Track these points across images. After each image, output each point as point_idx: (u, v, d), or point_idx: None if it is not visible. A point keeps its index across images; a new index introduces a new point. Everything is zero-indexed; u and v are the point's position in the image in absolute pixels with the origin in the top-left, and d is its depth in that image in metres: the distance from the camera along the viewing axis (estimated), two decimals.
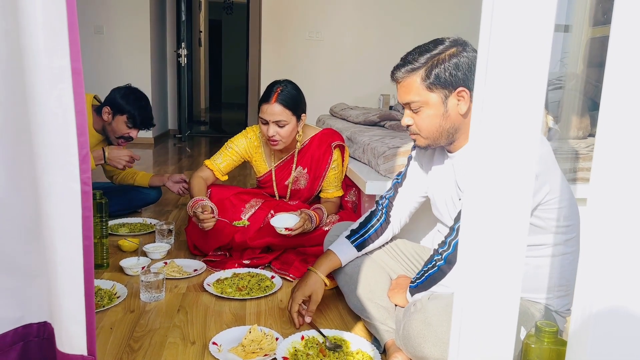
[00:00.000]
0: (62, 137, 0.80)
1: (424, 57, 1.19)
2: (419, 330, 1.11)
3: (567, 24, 2.63)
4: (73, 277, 0.86)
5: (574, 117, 2.16)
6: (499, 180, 0.64)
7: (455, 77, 1.17)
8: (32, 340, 0.95)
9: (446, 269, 1.18)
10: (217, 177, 2.03)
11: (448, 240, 1.19)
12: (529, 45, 0.60)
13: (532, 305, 1.18)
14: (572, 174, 1.79)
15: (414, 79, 1.19)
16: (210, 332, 1.40)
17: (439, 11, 4.61)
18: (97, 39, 4.98)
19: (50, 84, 0.77)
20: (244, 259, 1.90)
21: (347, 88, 4.63)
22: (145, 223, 2.38)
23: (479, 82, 0.63)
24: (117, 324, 1.43)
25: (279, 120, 1.85)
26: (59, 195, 0.82)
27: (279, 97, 1.84)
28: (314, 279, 1.40)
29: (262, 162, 2.05)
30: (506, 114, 0.62)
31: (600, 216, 0.57)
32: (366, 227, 1.46)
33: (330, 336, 1.34)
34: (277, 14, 4.56)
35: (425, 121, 1.22)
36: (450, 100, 1.19)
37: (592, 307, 0.58)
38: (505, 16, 0.59)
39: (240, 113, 7.69)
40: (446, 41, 1.20)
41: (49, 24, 0.75)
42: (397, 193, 1.46)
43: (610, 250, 0.57)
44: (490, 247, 0.66)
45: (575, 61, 2.91)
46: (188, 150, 5.00)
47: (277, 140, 1.88)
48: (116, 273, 1.80)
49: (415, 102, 1.21)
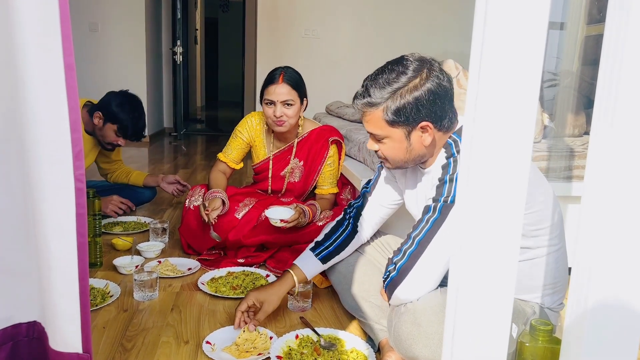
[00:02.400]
0: (55, 133, 0.79)
1: (385, 91, 1.13)
2: (409, 331, 1.10)
3: (562, 21, 2.63)
4: (67, 275, 0.85)
5: (570, 115, 2.16)
6: (492, 180, 0.64)
7: (417, 113, 1.13)
8: (22, 340, 0.94)
9: (398, 280, 1.15)
10: (232, 167, 2.07)
11: (404, 248, 1.16)
12: (523, 43, 0.59)
13: (525, 304, 1.18)
14: (568, 171, 1.79)
15: (375, 114, 1.16)
16: (204, 331, 1.39)
17: (434, 8, 4.61)
18: (92, 37, 4.95)
19: (43, 79, 0.76)
20: (239, 257, 1.89)
21: (343, 86, 4.62)
22: (139, 222, 2.37)
23: (472, 80, 0.62)
24: (110, 323, 1.42)
25: (286, 99, 1.87)
26: (52, 192, 0.81)
27: (285, 78, 1.87)
28: (273, 291, 1.37)
29: (262, 148, 2.06)
30: (499, 113, 0.61)
31: (595, 213, 0.57)
32: (331, 239, 1.44)
33: (324, 335, 1.33)
34: (273, 11, 4.54)
35: (390, 151, 1.20)
36: (414, 134, 1.16)
37: (586, 301, 0.58)
38: (498, 13, 0.59)
39: (236, 111, 7.67)
40: (409, 68, 1.14)
41: (41, 18, 0.74)
42: (366, 202, 1.44)
43: (604, 247, 0.57)
44: (483, 247, 0.66)
45: (571, 59, 2.92)
46: (184, 149, 4.98)
47: (284, 120, 1.89)
48: (110, 272, 1.79)
49: (379, 135, 1.19)
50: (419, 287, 1.14)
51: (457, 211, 0.66)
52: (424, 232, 1.13)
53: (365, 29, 4.64)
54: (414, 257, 1.13)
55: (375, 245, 1.51)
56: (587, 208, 0.58)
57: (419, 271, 1.13)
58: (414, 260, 1.13)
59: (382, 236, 1.53)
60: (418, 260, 1.13)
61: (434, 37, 4.58)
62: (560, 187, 1.76)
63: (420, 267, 1.13)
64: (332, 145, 2.03)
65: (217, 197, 1.87)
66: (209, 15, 10.19)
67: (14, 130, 0.80)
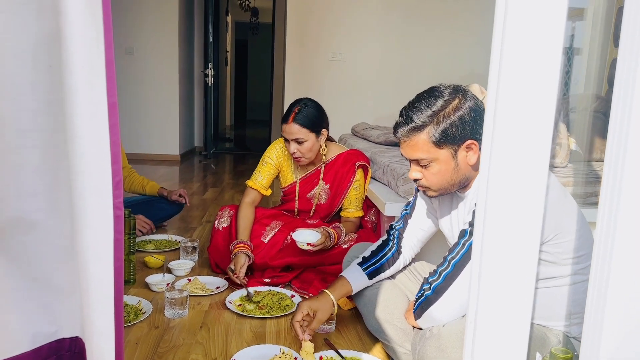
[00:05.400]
0: (97, 165, 0.86)
1: (427, 113, 1.16)
2: (433, 356, 1.12)
3: (590, 45, 2.63)
4: (104, 295, 0.91)
5: (597, 139, 2.15)
6: (509, 208, 0.66)
7: (462, 131, 1.15)
8: (65, 354, 1.00)
9: (433, 299, 1.17)
10: (262, 193, 2.10)
11: (439, 269, 1.19)
12: (539, 70, 0.61)
13: (550, 332, 1.18)
14: (594, 197, 1.78)
15: (420, 138, 1.17)
16: (231, 350, 1.43)
17: (459, 31, 4.63)
18: (128, 60, 5.17)
19: (88, 117, 0.84)
20: (265, 277, 1.94)
21: (369, 107, 4.68)
22: (170, 240, 2.45)
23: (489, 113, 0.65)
24: (143, 340, 1.48)
25: (296, 138, 1.93)
26: (93, 219, 0.88)
27: (295, 117, 1.94)
28: (325, 299, 1.40)
29: (290, 173, 2.12)
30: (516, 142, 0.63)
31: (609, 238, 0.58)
32: (378, 255, 1.47)
33: (348, 357, 1.36)
34: (301, 34, 4.66)
35: (436, 176, 1.21)
36: (460, 153, 1.18)
37: (601, 329, 0.58)
38: (516, 40, 0.61)
39: (264, 130, 7.80)
40: (445, 92, 1.18)
41: (88, 61, 0.82)
42: (406, 224, 1.47)
43: (618, 275, 0.58)
44: (500, 273, 0.68)
45: (600, 82, 2.89)
46: (213, 167, 5.10)
47: (298, 156, 1.97)
48: (142, 289, 1.86)
49: (424, 160, 1.19)
50: (452, 308, 1.16)
51: (474, 236, 0.69)
52: (460, 255, 1.16)
53: (390, 52, 4.70)
54: (449, 279, 1.16)
55: (403, 270, 1.53)
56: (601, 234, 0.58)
57: (453, 293, 1.15)
58: (449, 282, 1.16)
59: (412, 262, 1.55)
60: (453, 282, 1.15)
61: (460, 59, 4.60)
62: (586, 214, 1.74)
63: (454, 289, 1.15)
64: (359, 170, 2.07)
65: (239, 254, 1.90)
66: (239, 38, 10.47)
67: (63, 162, 0.87)
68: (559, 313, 1.18)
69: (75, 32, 0.81)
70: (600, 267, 0.59)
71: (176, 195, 2.63)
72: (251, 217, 2.04)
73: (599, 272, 0.59)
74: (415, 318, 1.24)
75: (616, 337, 0.59)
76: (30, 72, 0.85)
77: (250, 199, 2.09)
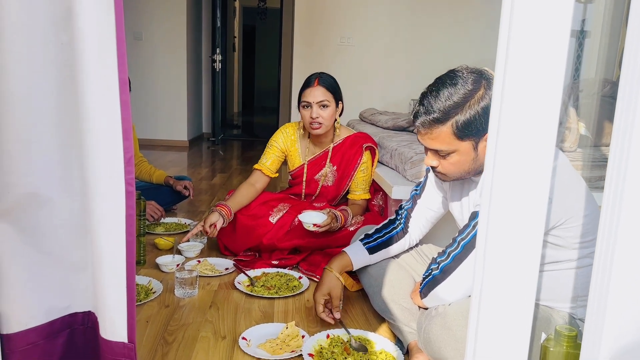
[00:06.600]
0: (109, 141, 0.87)
1: (450, 104, 1.11)
2: (438, 334, 1.13)
3: (602, 30, 2.59)
4: (116, 270, 0.93)
5: (607, 124, 2.13)
6: (515, 188, 0.67)
7: (486, 123, 1.10)
8: (78, 328, 1.03)
9: (440, 279, 1.18)
10: (267, 174, 2.10)
11: (448, 250, 1.19)
12: (546, 55, 0.61)
13: (556, 313, 1.19)
14: (602, 182, 1.77)
15: (442, 130, 1.13)
16: (240, 328, 1.46)
17: (470, 17, 4.58)
18: (136, 45, 5.18)
19: (100, 93, 0.85)
20: (273, 259, 1.96)
21: (378, 93, 4.66)
22: (180, 223, 2.48)
23: (496, 96, 0.65)
24: (153, 318, 1.51)
25: (322, 100, 1.95)
26: (106, 195, 0.89)
27: (320, 81, 1.98)
28: (329, 277, 1.42)
29: (297, 157, 2.13)
30: (523, 124, 0.64)
31: (613, 223, 0.59)
32: (380, 233, 1.48)
33: (355, 336, 1.38)
34: (310, 19, 4.63)
35: (454, 166, 1.18)
36: (481, 144, 1.15)
37: (605, 309, 0.60)
38: (524, 24, 0.61)
39: (271, 117, 7.80)
40: (469, 80, 1.12)
41: (100, 37, 0.83)
42: (415, 205, 1.47)
43: (622, 257, 0.58)
44: (506, 252, 0.68)
45: (611, 67, 2.85)
46: (221, 153, 5.12)
47: (320, 122, 1.97)
48: (152, 270, 1.89)
49: (444, 150, 1.16)
50: (459, 288, 1.17)
51: (481, 220, 0.70)
52: (470, 236, 1.16)
53: (400, 37, 4.66)
54: (457, 259, 1.17)
55: (410, 251, 1.54)
56: (606, 218, 0.59)
57: (461, 273, 1.16)
58: (457, 263, 1.17)
59: (419, 244, 1.57)
60: (462, 263, 1.16)
61: (469, 45, 4.55)
62: (595, 197, 1.74)
63: (462, 270, 1.16)
64: (366, 152, 2.08)
65: (214, 211, 1.93)
66: (247, 23, 10.42)
67: (76, 138, 0.89)
68: (565, 295, 1.18)
69: (86, 10, 0.82)
70: (605, 250, 0.59)
71: (181, 187, 2.63)
72: (246, 194, 2.04)
73: (603, 254, 0.60)
74: (421, 297, 1.25)
75: (620, 318, 0.59)
76: (43, 50, 0.87)
77: (253, 179, 2.10)
